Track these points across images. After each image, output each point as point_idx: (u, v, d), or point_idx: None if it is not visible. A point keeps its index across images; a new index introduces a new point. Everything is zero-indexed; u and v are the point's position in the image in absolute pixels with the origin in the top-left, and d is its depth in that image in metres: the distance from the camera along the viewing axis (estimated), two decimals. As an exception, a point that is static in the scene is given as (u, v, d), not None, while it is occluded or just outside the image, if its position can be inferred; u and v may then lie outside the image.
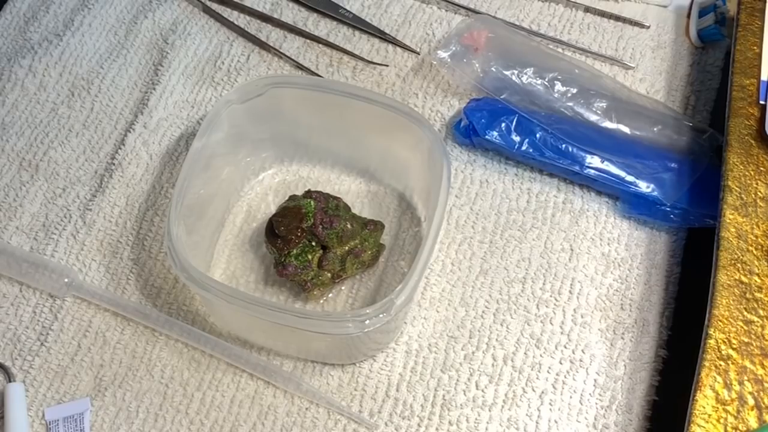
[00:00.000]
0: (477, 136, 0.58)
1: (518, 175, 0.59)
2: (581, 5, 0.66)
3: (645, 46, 0.65)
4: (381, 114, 0.53)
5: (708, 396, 0.43)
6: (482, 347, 0.52)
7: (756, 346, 0.44)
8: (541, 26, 0.66)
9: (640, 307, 0.53)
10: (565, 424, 0.50)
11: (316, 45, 0.65)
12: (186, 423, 0.50)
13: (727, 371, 0.44)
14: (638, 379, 0.51)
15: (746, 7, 0.56)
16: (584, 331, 0.53)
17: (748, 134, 0.51)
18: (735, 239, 0.47)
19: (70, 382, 0.52)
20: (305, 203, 0.54)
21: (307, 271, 0.52)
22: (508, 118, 0.58)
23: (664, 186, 0.56)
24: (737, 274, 0.46)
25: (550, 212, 0.57)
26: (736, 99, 0.52)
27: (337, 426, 0.50)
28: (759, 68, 0.53)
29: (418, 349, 0.52)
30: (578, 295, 0.54)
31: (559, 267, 0.55)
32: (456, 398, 0.51)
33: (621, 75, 0.63)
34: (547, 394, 0.51)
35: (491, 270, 0.55)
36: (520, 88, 0.59)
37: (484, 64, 0.60)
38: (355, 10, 0.67)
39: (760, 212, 0.48)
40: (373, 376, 0.52)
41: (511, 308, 0.53)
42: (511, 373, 0.51)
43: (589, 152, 0.57)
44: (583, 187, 0.58)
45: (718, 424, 0.42)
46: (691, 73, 0.63)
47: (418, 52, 0.64)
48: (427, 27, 0.66)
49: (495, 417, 0.50)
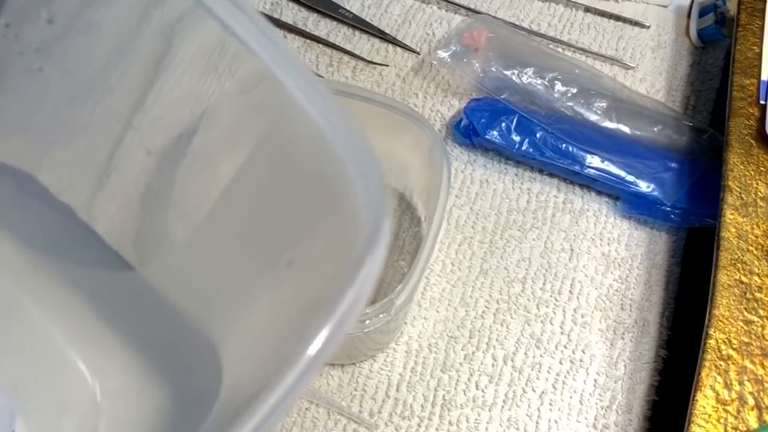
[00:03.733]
0: (477, 136, 0.58)
1: (518, 175, 0.59)
2: (581, 5, 0.66)
3: (645, 46, 0.65)
4: (381, 114, 0.52)
5: (708, 396, 0.43)
6: (482, 347, 0.52)
7: (756, 346, 0.44)
8: (542, 26, 0.66)
9: (640, 307, 0.53)
10: (565, 424, 0.50)
11: (315, 45, 0.65)
12: (186, 423, 0.50)
13: (728, 371, 0.44)
14: (638, 379, 0.51)
15: (746, 7, 0.56)
16: (584, 331, 0.53)
17: (749, 134, 0.51)
18: (735, 239, 0.47)
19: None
20: (305, 203, 0.53)
21: (307, 271, 0.52)
22: (509, 118, 0.58)
23: (665, 186, 0.56)
24: (737, 274, 0.46)
25: (550, 212, 0.57)
26: (737, 99, 0.52)
27: (337, 426, 0.50)
28: (759, 68, 0.53)
29: (418, 349, 0.52)
30: (578, 295, 0.54)
31: (559, 267, 0.55)
32: (456, 398, 0.51)
33: (621, 75, 0.63)
34: (547, 394, 0.51)
35: (491, 270, 0.55)
36: (520, 87, 0.59)
37: (485, 64, 0.60)
38: (355, 10, 0.67)
39: (761, 212, 0.48)
40: (373, 376, 0.52)
41: (511, 308, 0.53)
42: (511, 373, 0.51)
43: (590, 152, 0.57)
44: (583, 187, 0.58)
45: (719, 424, 0.42)
46: (691, 73, 0.63)
47: (418, 52, 0.64)
48: (427, 27, 0.66)
49: (495, 417, 0.50)
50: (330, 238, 0.30)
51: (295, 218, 0.32)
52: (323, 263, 0.29)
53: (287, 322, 0.30)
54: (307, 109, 0.28)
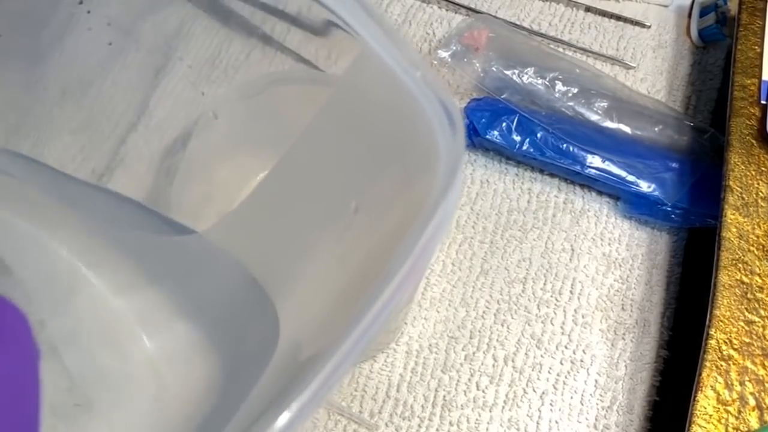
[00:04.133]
0: (477, 136, 0.58)
1: (519, 175, 0.59)
2: (582, 5, 0.66)
3: (646, 46, 0.64)
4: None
5: (709, 396, 0.43)
6: (483, 348, 0.52)
7: (757, 347, 0.44)
8: (542, 26, 0.66)
9: (641, 307, 0.53)
10: (566, 424, 0.50)
11: (316, 45, 0.65)
12: (186, 423, 0.50)
13: (728, 372, 0.44)
14: (639, 380, 0.51)
15: (747, 7, 0.56)
16: (585, 332, 0.53)
17: (750, 134, 0.51)
18: (736, 239, 0.47)
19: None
20: (305, 203, 0.53)
21: (307, 271, 0.52)
22: (509, 118, 0.58)
23: (666, 186, 0.55)
24: (738, 274, 0.46)
25: (550, 212, 0.57)
26: (738, 99, 0.52)
27: (338, 426, 0.50)
28: (760, 68, 0.53)
29: (418, 350, 0.52)
30: (579, 296, 0.54)
31: (559, 267, 0.55)
32: (456, 399, 0.51)
33: (622, 75, 0.63)
34: (547, 395, 0.51)
35: (492, 270, 0.55)
36: (520, 87, 0.59)
37: (485, 64, 0.60)
38: (355, 10, 0.66)
39: (762, 212, 0.48)
40: (374, 376, 0.51)
41: (512, 308, 0.53)
42: (511, 374, 0.51)
43: (590, 152, 0.56)
44: (584, 187, 0.58)
45: (719, 425, 0.42)
46: (692, 73, 0.63)
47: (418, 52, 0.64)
48: (427, 26, 0.66)
49: (496, 417, 0.50)
50: (401, 183, 0.29)
51: (366, 163, 0.31)
52: (393, 208, 0.28)
53: (352, 272, 0.29)
54: (382, 55, 0.28)
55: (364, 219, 0.30)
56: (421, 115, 0.26)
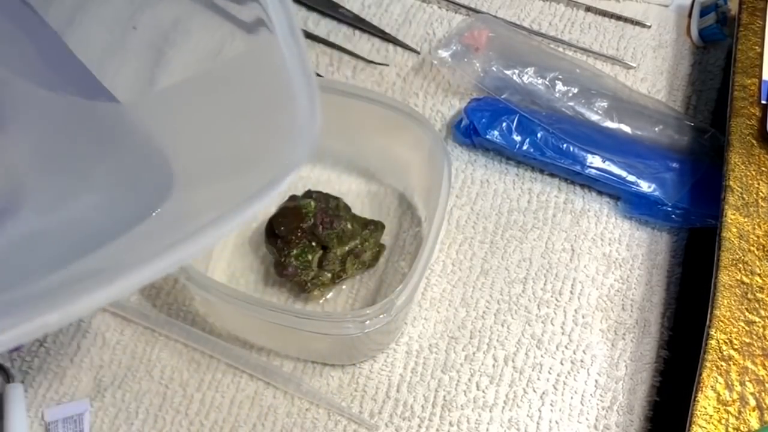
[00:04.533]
0: (478, 136, 0.58)
1: (519, 175, 0.59)
2: (582, 5, 0.66)
3: (646, 46, 0.64)
4: (381, 114, 0.52)
5: (709, 396, 0.43)
6: (483, 348, 0.52)
7: (757, 347, 0.44)
8: (542, 26, 0.66)
9: (641, 307, 0.53)
10: (566, 424, 0.50)
11: (316, 44, 0.65)
12: (186, 424, 0.50)
13: (729, 372, 0.44)
14: (639, 380, 0.51)
15: (747, 7, 0.56)
16: (585, 332, 0.52)
17: (750, 134, 0.51)
18: (736, 239, 0.47)
19: (69, 382, 0.52)
20: (305, 203, 0.53)
21: (307, 271, 0.52)
22: (509, 118, 0.58)
23: (666, 186, 0.55)
24: (739, 274, 0.46)
25: (551, 212, 0.57)
26: (738, 99, 0.52)
27: (338, 427, 0.50)
28: (760, 68, 0.53)
29: (418, 350, 0.52)
30: (579, 296, 0.54)
31: (560, 267, 0.55)
32: (457, 399, 0.51)
33: (622, 74, 0.63)
34: (548, 395, 0.51)
35: (492, 270, 0.55)
36: (521, 87, 0.59)
37: (485, 64, 0.60)
38: (355, 10, 0.66)
39: (762, 212, 0.48)
40: (374, 376, 0.51)
41: (512, 309, 0.53)
42: (512, 374, 0.51)
43: (591, 152, 0.56)
44: (584, 187, 0.58)
45: (720, 425, 0.42)
46: (692, 73, 0.63)
47: (418, 52, 0.64)
48: (427, 26, 0.66)
49: (496, 418, 0.50)
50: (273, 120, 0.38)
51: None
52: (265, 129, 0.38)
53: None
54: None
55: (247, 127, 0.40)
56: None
